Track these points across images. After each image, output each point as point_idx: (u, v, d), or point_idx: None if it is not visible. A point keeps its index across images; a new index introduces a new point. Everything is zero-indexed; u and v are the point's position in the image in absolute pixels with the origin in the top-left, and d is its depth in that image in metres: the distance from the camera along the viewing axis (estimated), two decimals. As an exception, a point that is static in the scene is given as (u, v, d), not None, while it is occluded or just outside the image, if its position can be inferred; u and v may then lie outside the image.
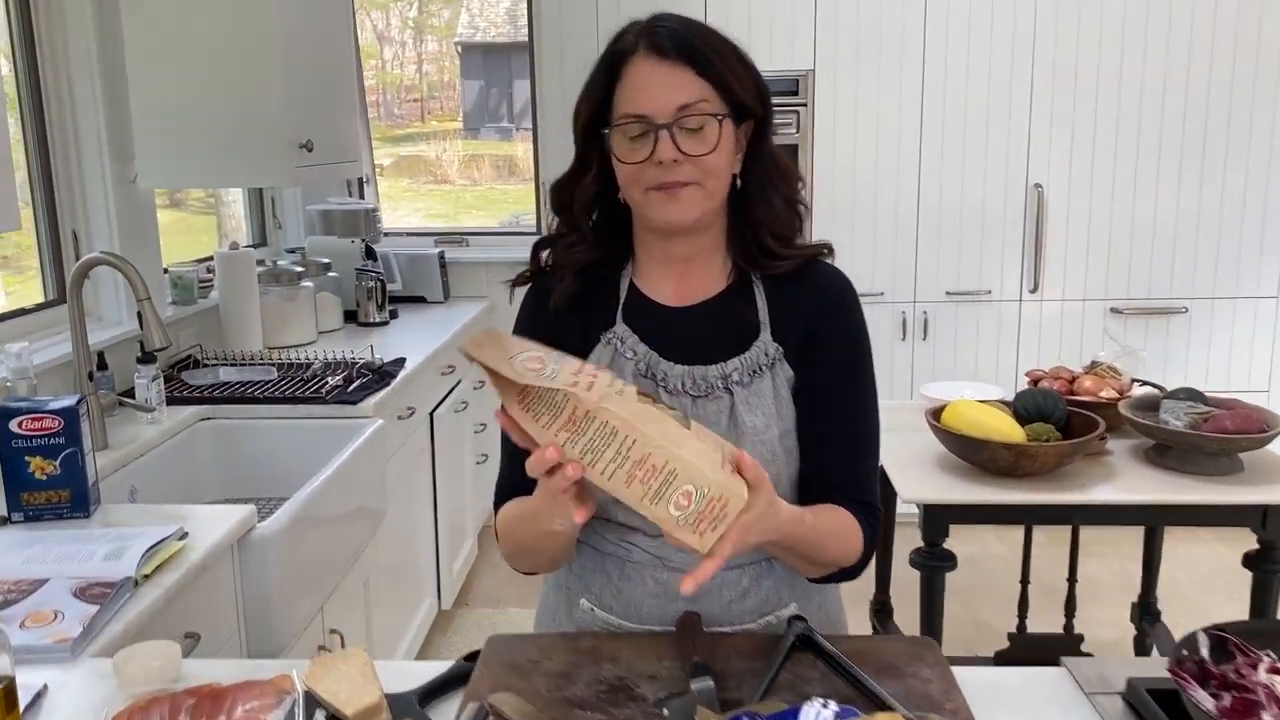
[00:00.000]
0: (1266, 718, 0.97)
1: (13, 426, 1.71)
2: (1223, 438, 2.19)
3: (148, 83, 2.62)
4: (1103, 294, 3.91)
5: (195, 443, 2.41)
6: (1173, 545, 2.96)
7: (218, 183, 2.99)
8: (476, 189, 6.26)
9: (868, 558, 1.21)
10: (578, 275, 1.24)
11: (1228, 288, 3.91)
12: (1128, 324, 3.90)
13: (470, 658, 1.22)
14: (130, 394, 2.35)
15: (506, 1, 5.96)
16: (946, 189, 3.85)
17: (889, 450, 1.34)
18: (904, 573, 2.49)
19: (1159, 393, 2.53)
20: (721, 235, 1.25)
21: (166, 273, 2.92)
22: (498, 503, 1.25)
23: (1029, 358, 3.93)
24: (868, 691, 1.07)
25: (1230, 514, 2.21)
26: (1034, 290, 3.91)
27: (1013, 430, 2.27)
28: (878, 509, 1.24)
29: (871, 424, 1.26)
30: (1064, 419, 2.37)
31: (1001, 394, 2.76)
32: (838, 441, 1.22)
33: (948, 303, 3.93)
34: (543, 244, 1.30)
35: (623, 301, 1.25)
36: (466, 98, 6.44)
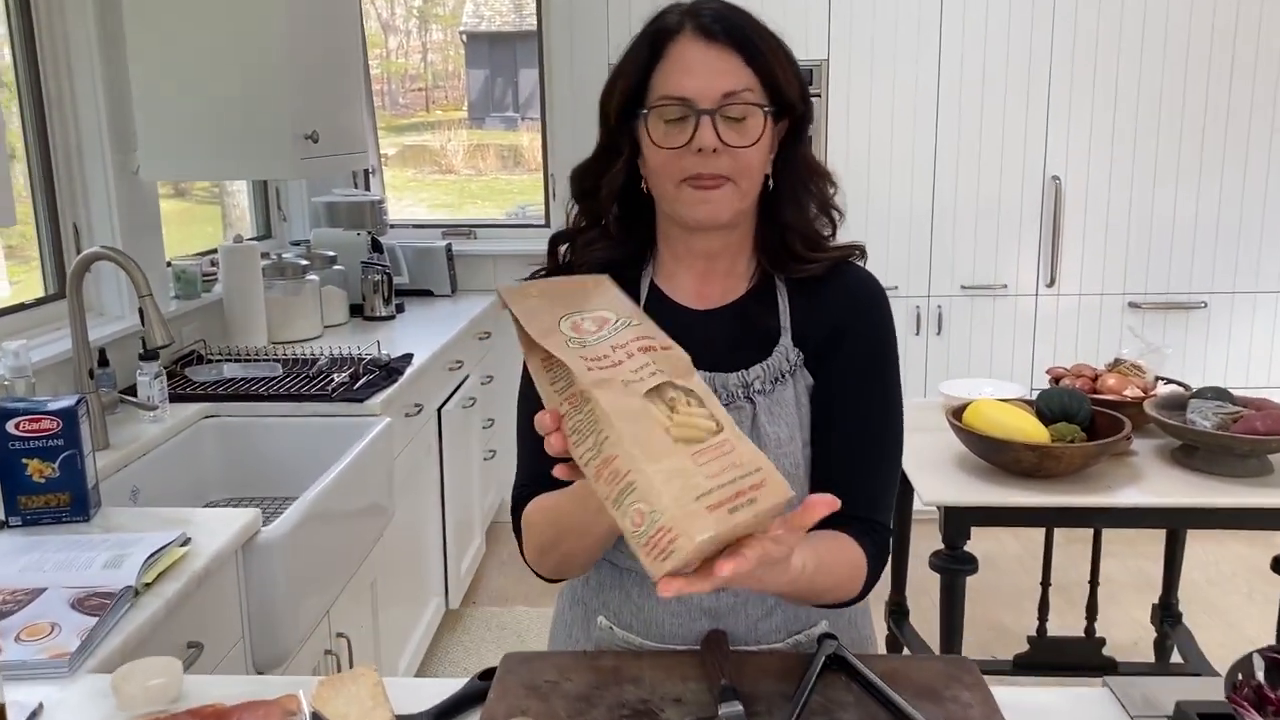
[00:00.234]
0: (1332, 750, 0.92)
1: (10, 428, 1.65)
2: (1255, 439, 2.13)
3: (150, 72, 2.56)
4: (1120, 288, 3.84)
5: (199, 441, 2.36)
6: (1191, 544, 2.90)
7: (221, 175, 2.93)
8: (481, 179, 6.21)
9: (869, 590, 1.14)
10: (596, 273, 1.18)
11: (1248, 282, 3.84)
12: (1146, 319, 3.84)
13: (485, 675, 1.16)
14: (132, 391, 2.29)
15: (512, -10, 5.89)
16: (962, 181, 3.78)
17: (907, 450, 1.26)
18: (917, 568, 2.44)
19: (1185, 391, 2.47)
20: (749, 235, 1.19)
21: (170, 266, 2.86)
22: (517, 504, 1.17)
23: (1045, 353, 3.87)
24: (905, 717, 1.02)
25: (1261, 517, 2.15)
26: (1050, 284, 3.84)
27: (1036, 430, 2.21)
28: (888, 531, 1.15)
29: (891, 437, 1.17)
30: (1088, 419, 2.32)
31: (1021, 392, 2.70)
32: (851, 452, 1.14)
33: (963, 297, 3.86)
34: (560, 238, 1.22)
35: (643, 302, 1.19)
36: (471, 87, 6.37)
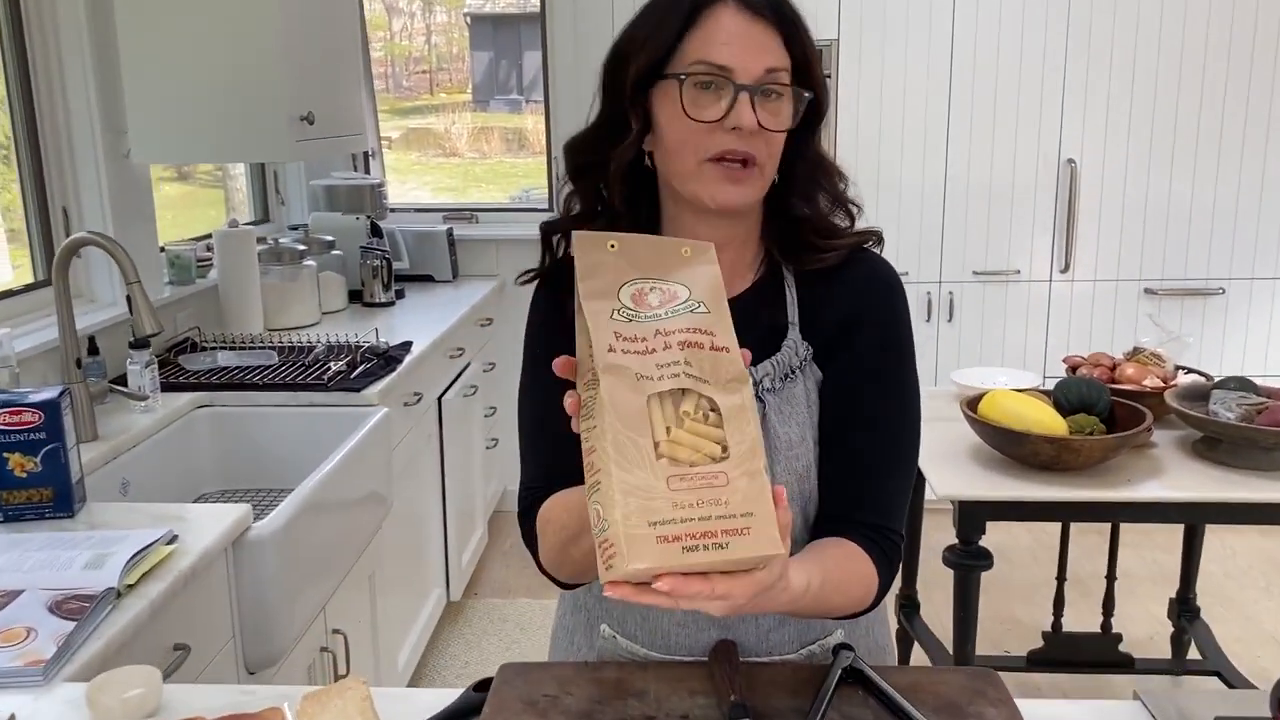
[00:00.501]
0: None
1: (-10, 421, 1.59)
2: (1281, 432, 2.06)
3: (140, 52, 2.48)
4: (1137, 274, 3.76)
5: (192, 432, 2.30)
6: (1206, 535, 2.83)
7: (215, 157, 2.86)
8: (486, 162, 6.14)
9: (880, 601, 1.07)
10: None
11: (1268, 268, 3.75)
12: (1162, 305, 3.76)
13: (480, 686, 1.10)
14: (124, 380, 2.23)
15: (517, -30, 5.81)
16: (975, 164, 3.69)
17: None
18: (929, 561, 2.37)
19: (1207, 382, 2.39)
20: (757, 225, 1.11)
21: (164, 251, 2.80)
22: (527, 508, 1.09)
23: (1058, 340, 3.79)
24: (927, 736, 0.95)
25: (1287, 513, 2.08)
26: (1065, 270, 3.76)
27: (1054, 422, 2.14)
28: (899, 538, 1.07)
29: (906, 438, 1.09)
30: (1108, 410, 2.25)
31: (1036, 381, 2.63)
32: (862, 454, 1.06)
33: (975, 283, 3.79)
34: (554, 227, 1.13)
35: None
36: (476, 70, 6.30)
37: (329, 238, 3.31)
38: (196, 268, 2.84)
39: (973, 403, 2.23)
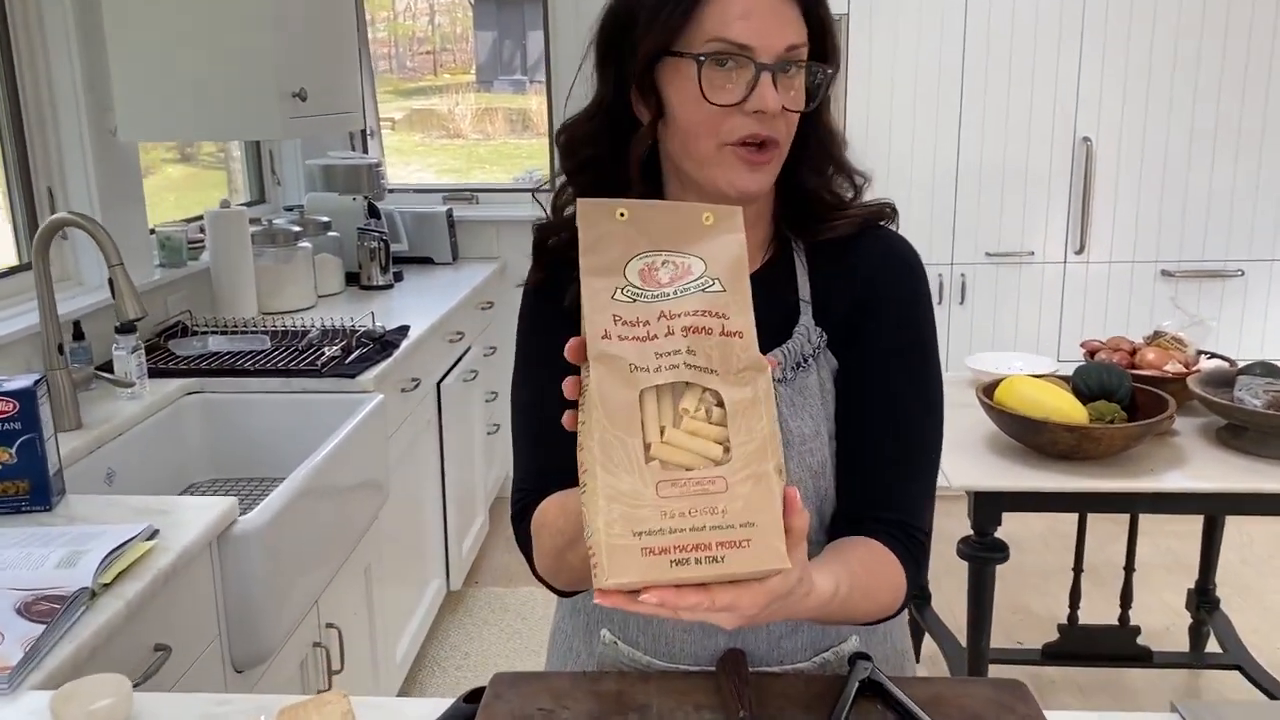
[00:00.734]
0: None
1: (-38, 410, 1.52)
2: (1312, 420, 1.98)
3: (126, 26, 2.39)
4: (1153, 255, 3.67)
5: (180, 419, 2.23)
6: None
7: (205, 135, 2.78)
8: (490, 143, 6.07)
9: (905, 606, 0.99)
10: None
11: (1288, 249, 3.66)
12: (1179, 288, 3.66)
13: (471, 697, 1.03)
14: (110, 366, 2.16)
15: (519, -51, 5.71)
16: (988, 143, 3.60)
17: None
18: (942, 550, 2.30)
19: (1231, 367, 2.31)
20: (770, 202, 1.04)
21: (154, 233, 2.72)
22: (521, 512, 1.01)
23: (1073, 324, 3.70)
24: (953, 757, 0.88)
25: (1317, 504, 2.00)
26: (1079, 251, 3.67)
27: (1074, 409, 2.06)
28: (925, 536, 0.99)
29: (928, 426, 1.01)
30: (1128, 396, 2.17)
31: (1052, 366, 2.55)
32: (884, 447, 0.98)
33: (987, 264, 3.69)
34: (550, 229, 1.03)
35: None
36: (479, 50, 6.21)
37: (325, 219, 3.22)
38: (188, 250, 2.76)
39: (988, 389, 2.15)
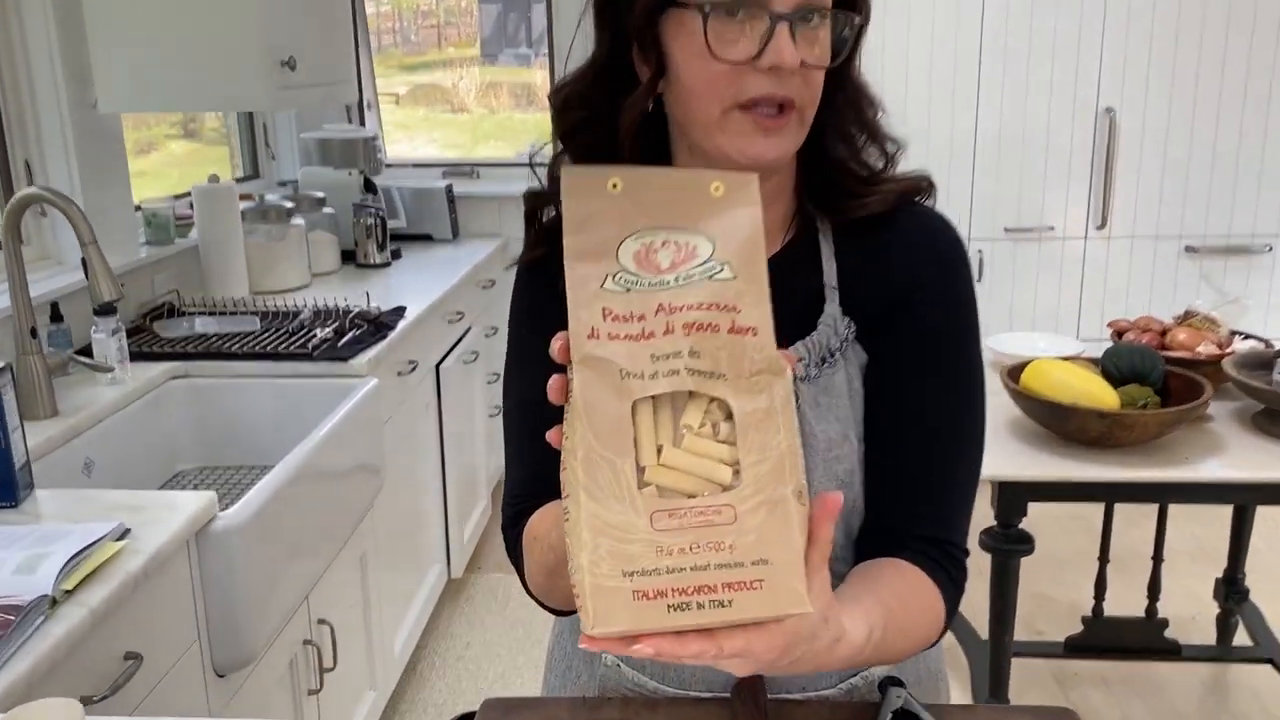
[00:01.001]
0: None
1: (-80, 400, 1.42)
2: (1359, 407, 1.86)
3: (106, -9, 2.28)
4: (1177, 231, 3.53)
5: (165, 405, 2.13)
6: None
7: (190, 106, 2.66)
8: (494, 117, 5.95)
9: (944, 632, 0.89)
10: None
11: (1319, 224, 3.53)
12: (1204, 264, 3.54)
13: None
14: (91, 350, 2.06)
15: (524, -81, 5.56)
16: (1007, 114, 3.46)
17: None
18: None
19: (1268, 349, 2.20)
20: (791, 175, 0.92)
21: (139, 210, 2.61)
22: (511, 522, 0.91)
23: (1093, 302, 3.58)
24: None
25: (1363, 494, 1.89)
26: (1101, 226, 3.54)
27: (1105, 394, 1.95)
28: (965, 554, 0.88)
29: (969, 429, 0.90)
30: (1161, 380, 2.05)
31: (1078, 348, 2.44)
32: (918, 455, 0.88)
33: (1005, 240, 3.57)
34: (541, 198, 0.93)
35: None
36: (484, 23, 6.08)
37: (319, 194, 3.11)
38: (176, 227, 2.66)
39: (1014, 372, 2.04)
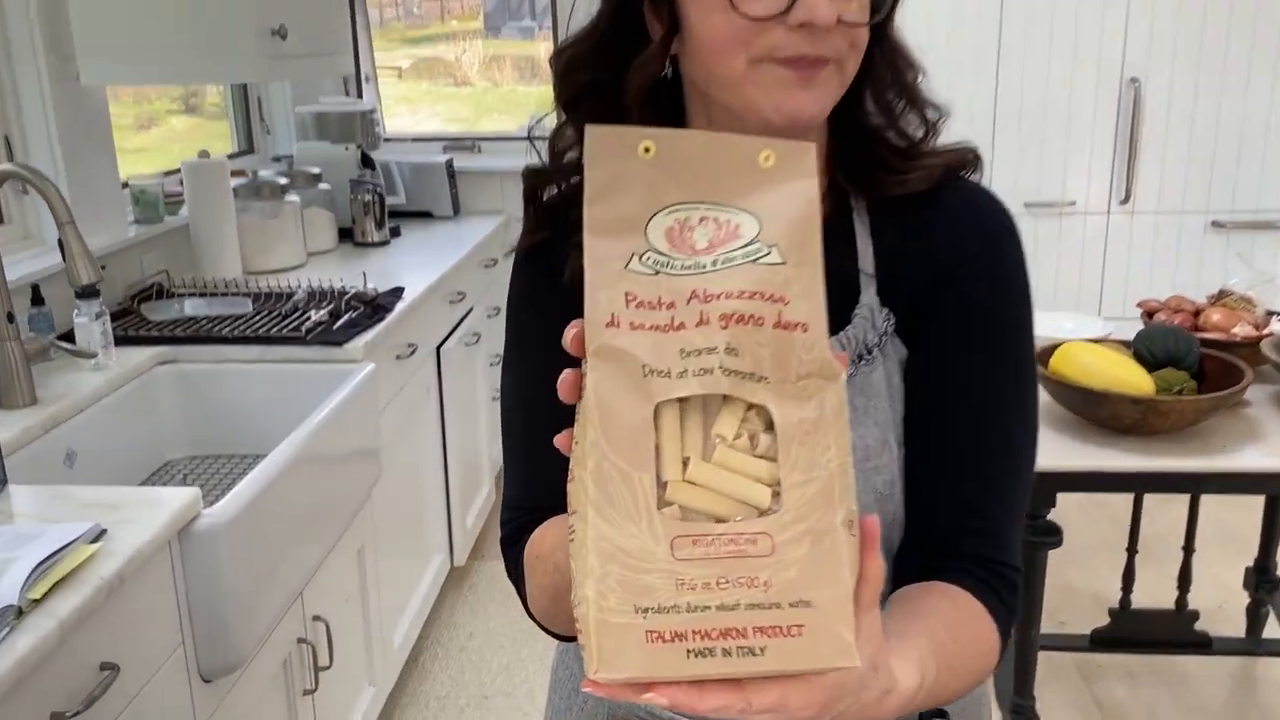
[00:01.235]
0: None
1: (-119, 392, 1.33)
2: None
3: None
4: (1204, 205, 3.42)
5: (152, 392, 2.04)
6: None
7: (177, 78, 2.55)
8: (498, 91, 5.86)
9: (998, 665, 0.78)
10: None
11: (1351, 198, 3.41)
12: (1230, 239, 3.42)
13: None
14: (74, 336, 1.96)
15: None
16: (1029, 84, 3.34)
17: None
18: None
19: (1308, 330, 2.09)
20: (824, 142, 0.81)
21: (126, 187, 2.51)
22: (512, 536, 0.82)
23: (1115, 279, 3.47)
24: None
25: None
26: (1125, 201, 3.42)
27: (1140, 380, 1.85)
28: (1016, 574, 0.78)
29: (1020, 434, 0.79)
30: (1197, 364, 1.95)
31: (1108, 330, 2.33)
32: (965, 458, 0.78)
33: (1025, 215, 3.45)
34: (540, 178, 0.83)
35: None
36: (487, -5, 5.97)
37: (315, 170, 3.00)
38: (165, 204, 2.55)
39: (1041, 355, 1.94)
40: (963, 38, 3.31)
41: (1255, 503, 2.53)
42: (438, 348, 2.70)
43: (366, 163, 3.12)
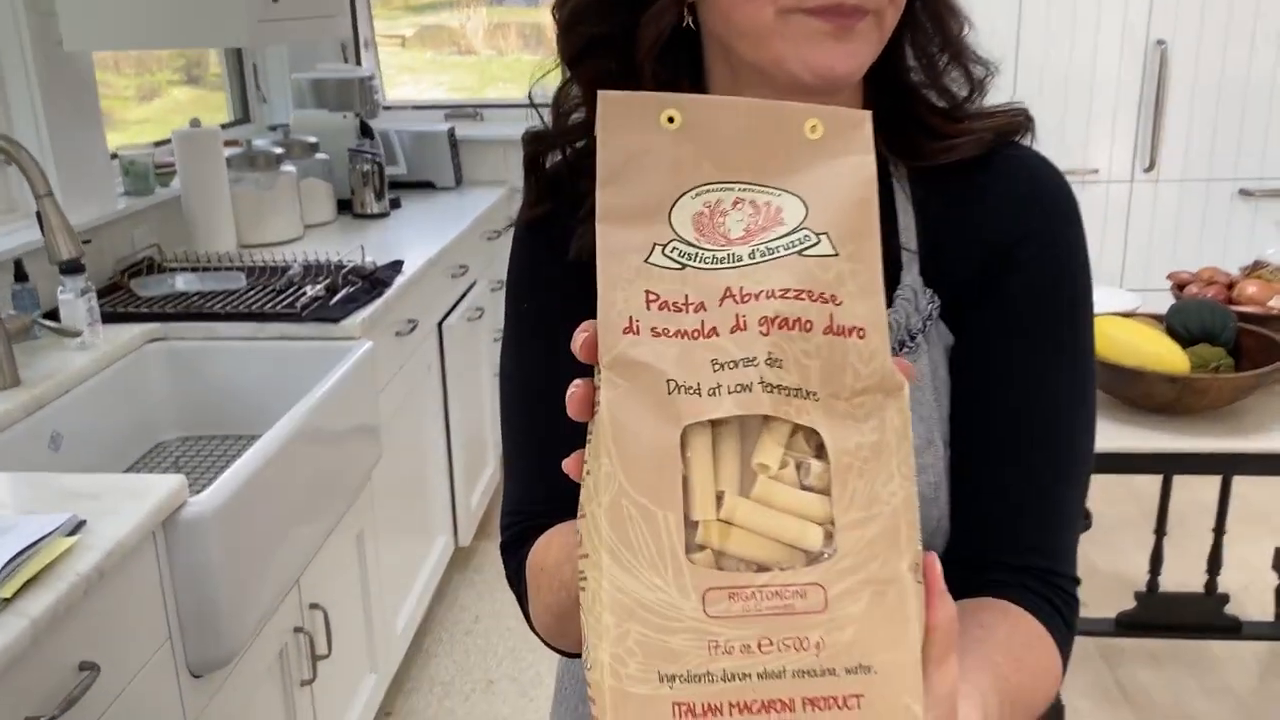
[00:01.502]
0: None
1: None
2: None
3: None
4: (1231, 173, 3.31)
5: (142, 371, 1.96)
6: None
7: (164, 42, 2.45)
8: (502, 59, 5.77)
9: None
10: None
11: (1385, 165, 3.29)
12: (1259, 208, 3.31)
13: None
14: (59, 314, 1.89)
15: None
16: (1052, 46, 3.22)
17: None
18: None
19: (1349, 303, 2.00)
20: (858, 104, 0.72)
21: (115, 157, 2.42)
22: (513, 542, 0.74)
23: (1138, 250, 3.37)
24: None
25: None
26: (1149, 169, 3.31)
27: (1175, 357, 1.77)
28: (1075, 585, 0.70)
29: (1078, 430, 0.71)
30: (1233, 340, 1.87)
31: (1137, 303, 2.24)
32: (1019, 457, 0.70)
33: (1045, 185, 3.35)
34: (543, 142, 0.75)
35: None
36: (492, -39, 5.86)
37: (312, 139, 2.91)
38: (156, 175, 2.47)
39: (1070, 332, 1.85)
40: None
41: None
42: (439, 323, 2.62)
43: (365, 131, 3.02)
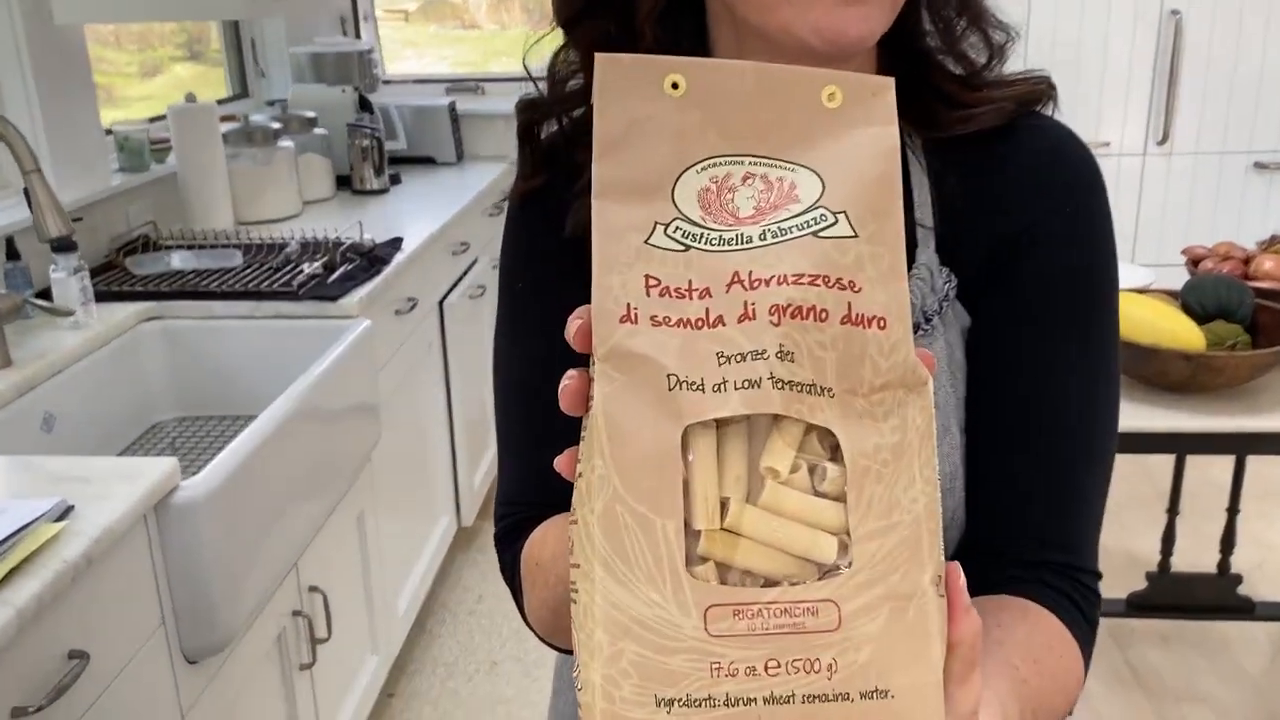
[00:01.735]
0: None
1: None
2: None
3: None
4: (1246, 146, 3.25)
5: (137, 351, 1.93)
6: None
7: (157, 14, 2.40)
8: (506, 34, 5.71)
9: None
10: None
11: (1402, 137, 3.23)
12: (1274, 181, 3.26)
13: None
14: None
15: None
16: (1062, 17, 3.16)
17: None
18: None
19: (1368, 279, 1.96)
20: (870, 70, 0.68)
21: (110, 133, 2.38)
22: (507, 534, 0.71)
23: (1150, 224, 3.32)
24: None
25: None
26: (1162, 142, 3.25)
27: (1190, 334, 1.73)
28: (1097, 580, 0.66)
29: (1104, 416, 0.67)
30: (1250, 316, 1.83)
31: (1150, 278, 2.19)
32: (1040, 446, 0.66)
33: (1056, 158, 3.29)
34: (537, 111, 0.71)
35: None
36: (495, -67, 5.79)
37: (310, 114, 2.86)
38: (152, 152, 2.43)
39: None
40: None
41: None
42: (440, 301, 2.58)
43: (365, 106, 2.98)
